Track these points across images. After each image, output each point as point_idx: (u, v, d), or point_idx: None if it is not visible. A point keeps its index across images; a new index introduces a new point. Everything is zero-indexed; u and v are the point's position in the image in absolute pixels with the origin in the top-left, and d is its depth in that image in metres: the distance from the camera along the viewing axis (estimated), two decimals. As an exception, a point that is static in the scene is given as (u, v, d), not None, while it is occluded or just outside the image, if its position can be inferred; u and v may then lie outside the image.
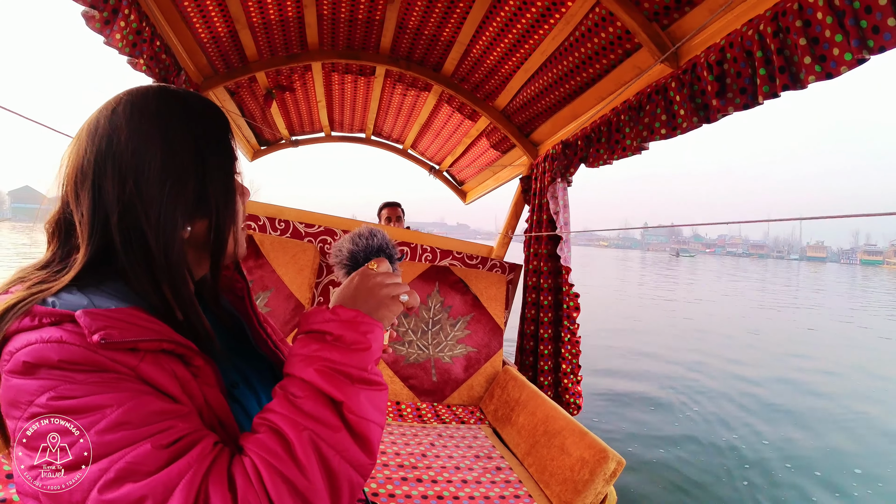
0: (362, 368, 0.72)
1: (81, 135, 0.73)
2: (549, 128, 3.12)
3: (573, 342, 3.00)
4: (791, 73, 1.52)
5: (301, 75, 3.46)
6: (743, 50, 1.66)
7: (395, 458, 2.13)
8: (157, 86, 0.78)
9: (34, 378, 0.60)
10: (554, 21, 2.34)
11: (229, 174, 0.79)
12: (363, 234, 0.96)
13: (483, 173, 4.53)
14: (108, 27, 1.85)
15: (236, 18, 2.60)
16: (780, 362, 9.67)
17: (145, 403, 0.62)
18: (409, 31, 2.90)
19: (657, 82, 2.09)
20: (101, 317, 0.63)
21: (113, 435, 0.59)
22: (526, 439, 2.28)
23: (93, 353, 0.61)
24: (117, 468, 0.57)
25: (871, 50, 1.30)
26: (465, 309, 3.07)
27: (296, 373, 0.71)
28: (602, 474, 1.78)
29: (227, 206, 0.78)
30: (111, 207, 0.69)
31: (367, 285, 0.82)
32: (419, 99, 3.73)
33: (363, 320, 0.76)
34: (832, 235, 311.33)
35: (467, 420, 2.74)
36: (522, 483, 2.03)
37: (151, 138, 0.71)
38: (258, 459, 0.63)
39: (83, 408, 0.59)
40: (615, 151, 2.37)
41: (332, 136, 4.74)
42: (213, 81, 3.06)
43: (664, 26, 2.04)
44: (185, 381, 0.69)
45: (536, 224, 3.27)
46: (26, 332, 0.63)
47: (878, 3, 1.25)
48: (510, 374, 2.82)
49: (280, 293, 2.86)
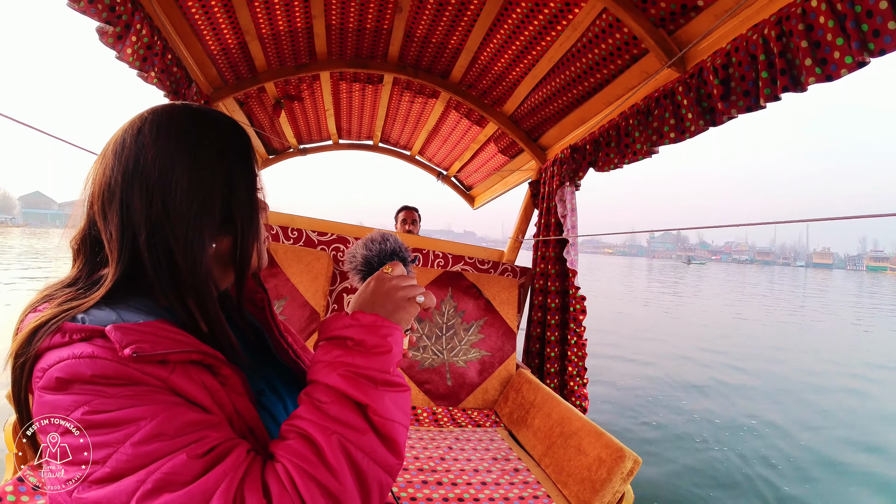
0: (384, 371, 0.74)
1: (107, 153, 0.74)
2: (558, 132, 3.15)
3: (579, 345, 3.02)
4: (792, 76, 1.55)
5: (309, 84, 3.49)
6: (748, 54, 1.68)
7: (415, 462, 2.16)
8: (182, 104, 0.79)
9: (68, 393, 0.62)
10: (561, 28, 2.37)
11: (252, 191, 0.81)
12: (376, 238, 0.97)
13: (491, 178, 4.56)
14: (120, 42, 1.89)
15: (246, 30, 2.64)
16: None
17: (178, 414, 0.63)
18: (416, 40, 2.93)
19: (664, 87, 2.12)
20: (131, 331, 0.65)
21: (148, 446, 0.60)
22: (542, 441, 2.30)
23: (124, 366, 0.63)
24: (155, 479, 0.59)
25: (871, 53, 1.32)
26: (478, 313, 3.09)
27: (320, 379, 0.73)
28: (619, 473, 1.80)
29: (251, 222, 0.80)
30: (139, 226, 0.70)
31: (384, 289, 0.83)
32: (427, 106, 3.76)
33: (383, 324, 0.77)
34: (839, 241, 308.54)
35: (483, 423, 2.76)
36: (541, 484, 2.06)
37: (178, 157, 0.72)
38: (290, 465, 0.64)
39: (118, 421, 0.61)
40: (626, 156, 2.40)
41: (340, 143, 4.77)
42: (223, 92, 3.10)
43: (670, 32, 2.07)
44: (214, 390, 0.70)
45: (545, 228, 3.29)
46: (58, 348, 0.64)
47: (878, 7, 1.27)
48: (524, 377, 2.85)
49: (295, 301, 2.89)
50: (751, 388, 7.63)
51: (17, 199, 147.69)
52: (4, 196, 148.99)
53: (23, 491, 1.45)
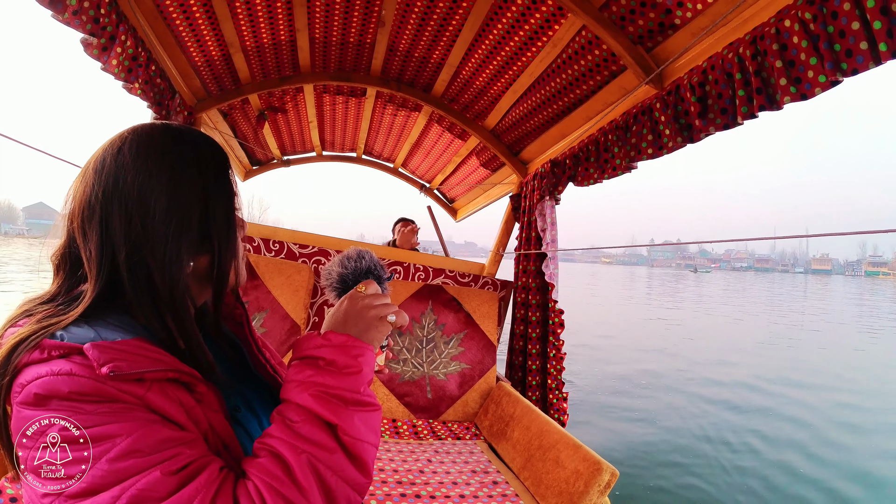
0: (355, 391, 0.74)
1: (88, 172, 0.74)
2: (538, 147, 3.19)
3: (558, 358, 3.04)
4: (768, 95, 1.59)
5: (293, 97, 3.50)
6: (724, 72, 1.72)
7: (394, 474, 2.15)
8: (162, 124, 0.79)
9: (45, 409, 0.62)
10: (542, 44, 2.41)
11: (230, 211, 0.81)
12: (351, 256, 0.97)
13: (473, 191, 4.59)
14: (105, 53, 1.89)
15: (230, 42, 2.65)
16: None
17: (154, 432, 0.64)
18: (399, 54, 2.96)
19: (643, 103, 2.16)
20: (109, 349, 0.65)
21: (124, 463, 0.61)
22: (521, 453, 2.31)
23: (102, 384, 0.63)
24: (129, 495, 0.59)
25: (844, 72, 1.36)
26: (458, 326, 3.10)
27: (292, 398, 0.74)
28: (597, 486, 1.81)
29: (229, 241, 0.80)
30: (118, 245, 0.71)
31: (356, 308, 0.84)
32: (409, 119, 3.79)
33: (354, 344, 0.78)
34: (839, 247, 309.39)
35: (463, 436, 2.76)
36: (519, 497, 2.06)
37: (157, 177, 0.73)
38: (260, 483, 0.65)
39: (94, 437, 0.61)
40: (605, 171, 2.43)
41: (324, 155, 4.79)
42: (207, 104, 3.10)
43: (648, 49, 2.11)
44: (189, 407, 0.71)
45: (526, 241, 3.32)
46: (36, 364, 0.64)
47: (851, 28, 1.31)
48: (504, 390, 2.85)
49: (276, 314, 2.88)
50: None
51: (21, 210, 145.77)
52: (9, 207, 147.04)
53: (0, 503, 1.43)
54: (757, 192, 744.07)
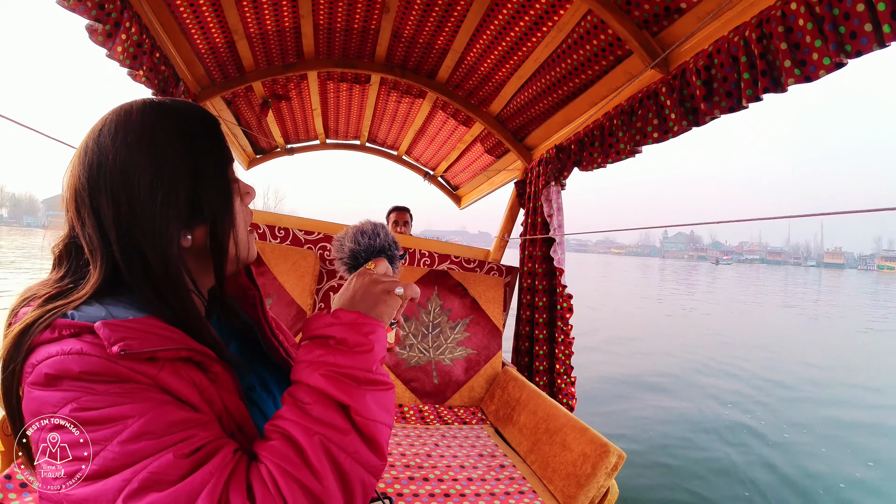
0: (367, 370, 0.73)
1: (74, 160, 0.74)
2: (543, 132, 3.18)
3: (566, 343, 3.05)
4: (772, 77, 1.59)
5: (297, 84, 3.50)
6: (729, 55, 1.72)
7: (401, 458, 2.17)
8: (141, 100, 0.77)
9: (56, 390, 0.61)
10: (546, 29, 2.40)
11: (223, 177, 0.79)
12: (366, 232, 0.95)
13: (477, 178, 4.58)
14: (110, 40, 1.89)
15: (234, 29, 2.64)
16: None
17: (166, 413, 0.63)
18: (403, 40, 2.95)
19: (648, 87, 2.15)
20: (120, 328, 0.64)
21: (135, 445, 0.60)
22: (528, 437, 2.33)
23: (113, 363, 0.62)
24: (141, 478, 0.58)
25: (848, 54, 1.36)
26: (463, 312, 3.11)
27: (303, 379, 0.72)
28: (604, 468, 1.83)
29: (224, 209, 0.79)
30: (110, 228, 0.70)
31: (364, 284, 0.83)
32: (413, 106, 3.78)
33: (364, 321, 0.77)
34: (853, 241, 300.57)
35: (469, 421, 2.79)
36: (526, 479, 2.08)
37: (137, 153, 0.72)
38: (273, 466, 0.64)
39: (105, 419, 0.60)
40: (609, 155, 2.43)
41: (328, 143, 4.77)
42: (211, 91, 3.10)
43: (654, 33, 2.10)
44: (203, 388, 0.70)
45: (531, 227, 3.32)
46: (47, 344, 0.64)
47: (855, 10, 1.31)
48: (510, 375, 2.87)
49: (282, 300, 2.89)
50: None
51: (41, 202, 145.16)
52: (30, 199, 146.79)
53: (10, 488, 1.45)
54: (767, 182, 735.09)
